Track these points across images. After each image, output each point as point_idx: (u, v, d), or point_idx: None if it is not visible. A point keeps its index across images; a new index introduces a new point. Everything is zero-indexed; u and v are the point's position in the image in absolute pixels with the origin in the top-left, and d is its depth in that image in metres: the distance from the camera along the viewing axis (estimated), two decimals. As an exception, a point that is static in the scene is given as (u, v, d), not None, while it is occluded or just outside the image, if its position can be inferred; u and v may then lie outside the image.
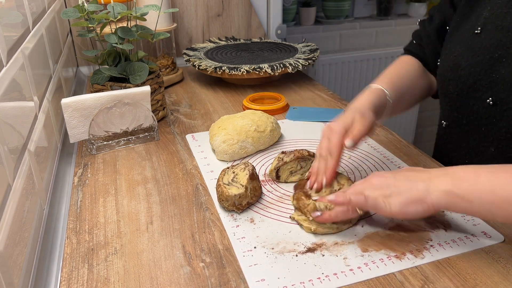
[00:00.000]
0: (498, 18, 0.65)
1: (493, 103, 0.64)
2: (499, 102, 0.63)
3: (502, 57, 0.63)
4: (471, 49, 0.68)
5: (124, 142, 0.86)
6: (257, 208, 0.65)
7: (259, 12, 1.47)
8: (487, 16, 0.67)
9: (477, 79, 0.67)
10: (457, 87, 0.70)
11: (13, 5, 0.68)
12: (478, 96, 0.67)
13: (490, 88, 0.65)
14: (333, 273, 0.52)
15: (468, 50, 0.68)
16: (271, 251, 0.56)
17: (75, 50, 1.32)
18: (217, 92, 1.14)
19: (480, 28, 0.67)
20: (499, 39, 0.64)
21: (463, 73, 0.68)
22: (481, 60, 0.66)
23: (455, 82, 0.70)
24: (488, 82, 0.65)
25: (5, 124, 0.53)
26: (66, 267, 0.55)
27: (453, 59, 0.71)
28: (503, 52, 0.63)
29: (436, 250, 0.55)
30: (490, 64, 0.65)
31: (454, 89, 0.71)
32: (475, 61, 0.67)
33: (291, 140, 0.87)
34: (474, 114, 0.68)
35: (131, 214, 0.64)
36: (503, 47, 0.63)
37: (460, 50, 0.70)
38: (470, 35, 0.69)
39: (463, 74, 0.68)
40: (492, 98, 0.64)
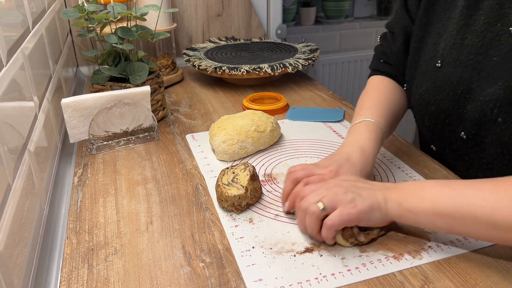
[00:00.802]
0: (453, 50, 0.64)
1: (466, 137, 0.63)
2: (471, 136, 0.62)
3: (465, 93, 0.62)
4: (436, 84, 0.66)
5: (124, 142, 0.86)
6: (256, 208, 0.65)
7: (259, 12, 1.47)
8: (443, 47, 0.65)
9: (447, 114, 0.65)
10: (431, 121, 0.69)
11: (13, 5, 0.68)
12: (452, 130, 0.65)
13: (460, 123, 0.63)
14: (331, 273, 0.52)
15: (433, 85, 0.67)
16: (269, 251, 0.56)
17: (75, 50, 1.32)
18: (217, 92, 1.14)
19: (440, 61, 0.65)
20: (459, 75, 0.62)
21: (434, 109, 0.67)
22: (446, 96, 0.64)
23: (428, 116, 0.69)
24: (458, 117, 0.64)
25: (5, 124, 0.53)
26: (66, 267, 0.55)
27: (422, 94, 0.69)
28: (465, 88, 0.62)
29: (434, 251, 0.55)
30: (455, 99, 0.63)
31: (429, 122, 0.70)
32: (441, 96, 0.65)
33: (291, 140, 0.87)
34: (454, 144, 0.67)
35: (131, 214, 0.64)
36: (464, 82, 0.62)
37: (426, 85, 0.68)
38: (432, 68, 0.67)
39: (433, 110, 0.67)
40: (464, 132, 0.63)
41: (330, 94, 1.11)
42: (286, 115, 0.98)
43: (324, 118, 0.95)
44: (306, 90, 1.14)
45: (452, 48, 0.64)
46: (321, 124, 0.93)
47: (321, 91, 1.13)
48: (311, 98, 1.09)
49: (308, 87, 1.17)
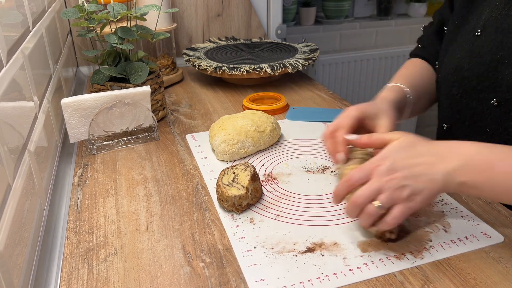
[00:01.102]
0: (497, 20, 0.65)
1: (498, 104, 0.64)
2: (503, 102, 0.63)
3: (504, 58, 0.63)
4: (473, 51, 0.68)
5: (124, 142, 0.86)
6: (256, 208, 0.65)
7: (259, 12, 1.47)
8: (486, 18, 0.67)
9: (480, 81, 0.66)
10: (460, 88, 0.70)
11: (13, 5, 0.68)
12: (482, 97, 0.67)
13: (493, 89, 0.65)
14: (333, 273, 0.52)
15: (469, 52, 0.68)
16: (271, 251, 0.56)
17: (75, 50, 1.32)
18: (217, 92, 1.14)
19: (480, 30, 0.67)
20: (500, 41, 0.64)
21: (466, 75, 0.68)
22: (483, 61, 0.66)
23: (458, 84, 0.70)
24: (492, 83, 0.65)
25: (5, 124, 0.53)
26: (66, 267, 0.55)
27: (455, 62, 0.71)
28: (504, 53, 0.63)
29: (436, 250, 0.55)
30: (492, 65, 0.65)
31: (457, 91, 0.71)
32: (477, 63, 0.67)
33: (291, 140, 0.87)
34: (478, 115, 0.68)
35: (131, 214, 0.64)
36: (505, 48, 0.63)
37: (462, 53, 0.70)
38: (471, 37, 0.69)
39: (466, 76, 0.69)
40: (496, 99, 0.64)
41: (330, 94, 1.11)
42: (286, 115, 0.98)
43: (324, 118, 0.95)
44: (306, 90, 1.14)
45: (496, 19, 0.66)
46: (321, 124, 0.93)
47: (321, 91, 1.13)
48: (311, 98, 1.09)
49: (308, 87, 1.17)
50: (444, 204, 0.64)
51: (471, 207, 0.64)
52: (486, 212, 0.63)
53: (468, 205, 0.64)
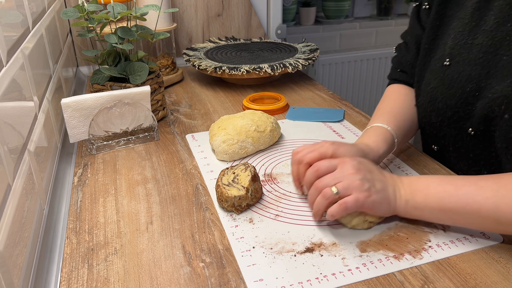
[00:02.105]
0: (463, 49, 0.65)
1: (474, 134, 0.64)
2: (479, 132, 0.63)
3: (474, 90, 0.63)
4: (444, 82, 0.67)
5: (124, 142, 0.86)
6: (256, 208, 0.65)
7: (259, 12, 1.47)
8: (452, 45, 0.67)
9: (454, 111, 0.66)
10: (438, 117, 0.70)
11: (13, 5, 0.68)
12: (459, 126, 0.66)
13: (468, 119, 0.64)
14: (332, 273, 0.52)
15: (441, 82, 0.68)
16: (270, 251, 0.56)
17: (75, 50, 1.32)
18: (217, 92, 1.14)
19: (448, 59, 0.67)
20: (468, 73, 0.63)
21: (441, 106, 0.68)
22: (454, 93, 0.66)
23: (435, 113, 0.70)
24: (465, 114, 0.65)
25: (5, 124, 0.53)
26: (66, 267, 0.55)
27: (430, 92, 0.70)
28: (473, 85, 0.63)
29: (435, 251, 0.55)
30: (464, 97, 0.64)
31: (436, 119, 0.71)
32: (449, 94, 0.66)
33: (291, 140, 0.87)
34: (459, 142, 0.68)
35: (131, 214, 0.64)
36: (473, 80, 0.63)
37: (434, 83, 0.69)
38: (441, 66, 0.68)
39: (441, 107, 0.68)
40: (472, 128, 0.64)
41: (330, 94, 1.11)
42: (286, 115, 0.98)
43: (324, 118, 0.95)
44: (306, 90, 1.14)
45: (462, 47, 0.65)
46: (321, 124, 0.93)
47: (321, 91, 1.13)
48: (311, 98, 1.09)
49: (308, 87, 1.17)
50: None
51: (471, 207, 0.64)
52: (486, 212, 0.63)
53: (468, 205, 0.64)
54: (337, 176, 0.56)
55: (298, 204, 0.65)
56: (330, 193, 0.56)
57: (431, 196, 0.55)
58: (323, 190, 0.56)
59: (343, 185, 0.55)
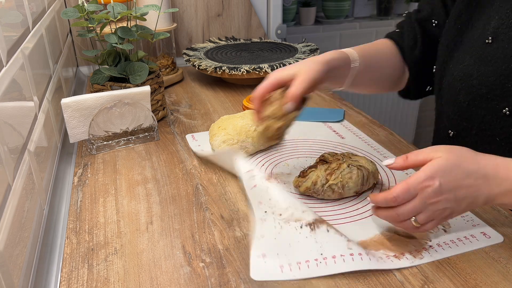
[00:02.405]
0: (510, 28, 0.64)
1: (510, 113, 0.63)
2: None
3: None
4: (483, 59, 0.66)
5: (124, 142, 0.86)
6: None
7: (259, 12, 1.47)
8: (496, 25, 0.66)
9: (491, 89, 0.65)
10: (468, 96, 0.68)
11: (13, 5, 0.68)
12: (492, 106, 0.65)
13: (505, 98, 0.63)
14: (332, 255, 0.52)
15: (479, 60, 0.67)
16: (279, 218, 0.56)
17: (75, 50, 1.32)
18: (217, 92, 1.14)
19: (491, 37, 0.66)
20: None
21: (475, 83, 0.67)
22: (495, 70, 0.64)
23: (466, 91, 0.68)
24: (504, 92, 0.63)
25: (5, 124, 0.53)
26: (66, 267, 0.55)
27: (463, 69, 0.69)
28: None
29: (435, 250, 0.55)
30: (505, 74, 0.63)
31: (464, 98, 0.69)
32: (488, 70, 0.65)
33: (291, 140, 0.87)
34: (487, 123, 0.66)
35: (131, 214, 0.64)
36: None
37: (470, 60, 0.68)
38: (481, 44, 0.67)
39: (475, 84, 0.67)
40: (509, 108, 0.63)
41: (330, 94, 1.11)
42: (286, 115, 0.98)
43: (324, 118, 0.95)
44: (306, 90, 1.14)
45: (509, 27, 0.64)
46: (321, 124, 0.93)
47: (321, 91, 1.13)
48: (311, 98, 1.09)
49: (308, 87, 1.16)
50: (444, 204, 0.64)
51: (471, 207, 0.64)
52: (486, 212, 0.63)
53: (468, 205, 0.64)
54: (417, 207, 0.51)
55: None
56: (411, 225, 0.52)
57: None
58: (403, 222, 0.53)
59: (424, 217, 0.52)
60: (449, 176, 0.51)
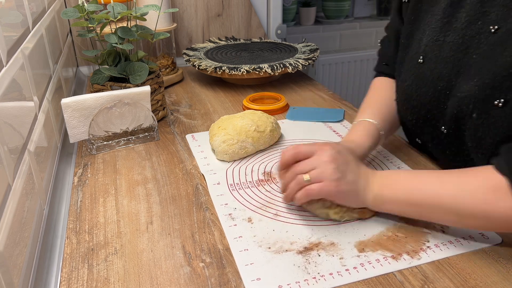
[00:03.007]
0: (435, 46, 0.64)
1: (447, 132, 0.64)
2: (451, 131, 0.63)
3: (445, 89, 0.63)
4: (418, 79, 0.67)
5: (124, 142, 0.86)
6: (255, 208, 0.65)
7: (259, 12, 1.47)
8: (426, 43, 0.66)
9: (428, 109, 0.66)
10: (414, 116, 0.70)
11: (13, 5, 0.68)
12: (433, 125, 0.67)
13: (441, 118, 0.64)
14: (329, 273, 0.52)
15: (416, 80, 0.68)
16: (268, 251, 0.56)
17: (75, 50, 1.32)
18: (217, 92, 1.14)
19: (422, 56, 0.67)
20: (440, 71, 0.63)
21: (415, 104, 0.69)
22: (427, 91, 0.66)
23: (410, 111, 0.70)
24: (439, 112, 0.65)
25: (5, 124, 0.53)
26: (66, 267, 0.55)
27: (405, 89, 0.70)
28: (445, 84, 0.63)
29: (433, 251, 0.55)
30: (436, 95, 0.64)
31: (412, 117, 0.71)
32: (422, 92, 0.67)
33: (291, 140, 0.87)
34: (435, 139, 0.68)
35: (131, 214, 0.64)
36: (444, 79, 0.63)
37: (409, 80, 0.69)
38: (415, 63, 0.68)
39: (415, 105, 0.69)
40: (445, 127, 0.64)
41: (330, 94, 1.11)
42: (286, 115, 0.98)
43: (324, 118, 0.95)
44: (306, 90, 1.14)
45: (434, 45, 0.65)
46: (321, 124, 0.93)
47: (321, 91, 1.13)
48: (311, 98, 1.09)
49: (308, 87, 1.17)
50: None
51: (471, 207, 0.64)
52: (486, 212, 0.63)
53: (467, 205, 0.64)
54: (312, 163, 0.58)
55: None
56: (301, 179, 0.58)
57: (398, 191, 0.57)
58: (297, 176, 0.59)
59: (315, 173, 0.57)
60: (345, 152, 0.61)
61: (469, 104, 0.58)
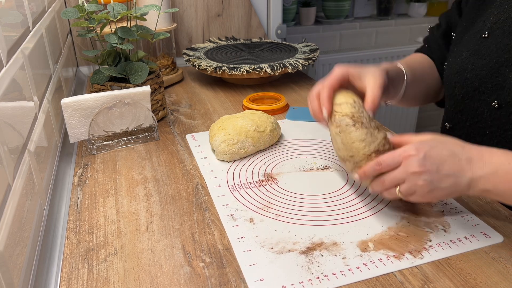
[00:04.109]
0: (505, 22, 0.66)
1: (499, 106, 0.64)
2: (504, 105, 0.64)
3: (508, 61, 0.63)
4: (478, 52, 0.68)
5: (124, 142, 0.86)
6: (256, 208, 0.65)
7: (259, 12, 1.47)
8: (494, 20, 0.68)
9: (482, 82, 0.67)
10: (462, 89, 0.71)
11: (13, 5, 0.68)
12: (483, 99, 0.67)
13: (495, 92, 0.65)
14: (332, 272, 0.52)
15: (475, 53, 0.69)
16: (271, 251, 0.56)
17: (75, 50, 1.32)
18: (217, 92, 1.14)
19: (488, 32, 0.68)
20: (506, 43, 0.64)
21: (469, 76, 0.69)
22: (487, 63, 0.66)
23: (461, 84, 0.71)
24: (494, 86, 0.65)
25: (5, 124, 0.53)
26: (66, 267, 0.55)
27: (460, 62, 0.71)
28: (509, 56, 0.63)
29: (435, 250, 0.55)
30: (496, 67, 0.65)
31: (459, 91, 0.71)
32: (481, 64, 0.67)
33: (291, 140, 0.87)
34: (479, 116, 0.69)
35: (131, 214, 0.64)
36: (510, 51, 0.63)
37: (467, 54, 0.71)
38: (478, 38, 0.69)
39: (469, 77, 0.69)
40: (498, 101, 0.64)
41: (330, 94, 1.11)
42: (286, 115, 0.98)
43: (324, 118, 0.95)
44: (306, 90, 1.14)
45: (504, 21, 0.66)
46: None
47: (321, 91, 1.13)
48: (311, 98, 1.09)
49: (308, 87, 1.17)
50: (443, 204, 0.64)
51: (471, 207, 0.64)
52: (486, 212, 0.63)
53: (467, 205, 0.64)
54: (400, 176, 0.54)
55: (299, 204, 0.65)
56: (395, 194, 0.56)
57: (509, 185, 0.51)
58: (388, 190, 0.56)
59: (405, 188, 0.54)
60: (434, 150, 0.53)
61: None
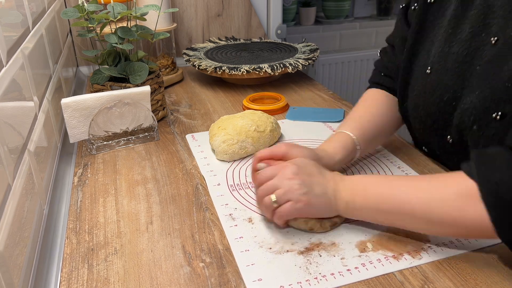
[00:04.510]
0: (441, 58, 0.64)
1: (452, 141, 0.64)
2: (456, 141, 0.63)
3: (450, 100, 0.63)
4: (425, 89, 0.67)
5: (124, 142, 0.86)
6: (255, 208, 0.65)
7: (259, 12, 1.47)
8: (434, 53, 0.66)
9: (434, 119, 0.66)
10: (420, 125, 0.70)
11: (13, 5, 0.68)
12: (440, 134, 0.67)
13: (446, 128, 0.65)
14: (330, 273, 0.52)
15: (423, 90, 0.68)
16: (269, 251, 0.56)
17: (75, 50, 1.32)
18: (217, 92, 1.14)
19: (430, 67, 0.66)
20: (445, 82, 0.63)
21: (422, 114, 0.69)
22: (434, 101, 0.65)
23: (418, 120, 0.71)
24: (444, 123, 0.65)
25: (5, 124, 0.53)
26: (66, 267, 0.55)
27: (414, 98, 0.70)
28: (450, 95, 0.63)
29: (434, 251, 0.55)
30: (442, 106, 0.64)
31: (419, 126, 0.71)
32: (429, 102, 0.66)
33: (291, 140, 0.87)
34: (441, 149, 0.68)
35: (131, 214, 0.64)
36: (450, 90, 0.62)
37: (417, 90, 0.69)
38: (423, 74, 0.68)
39: (422, 114, 0.69)
40: (450, 136, 0.64)
41: (330, 94, 1.11)
42: (286, 115, 0.98)
43: (324, 118, 0.95)
44: (306, 90, 1.14)
45: (440, 56, 0.65)
46: (321, 124, 0.93)
47: (321, 91, 1.13)
48: (311, 98, 1.09)
49: (308, 87, 1.17)
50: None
51: (471, 207, 0.64)
52: (486, 212, 0.63)
53: (468, 205, 0.64)
54: (275, 183, 0.57)
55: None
56: (269, 202, 0.57)
57: (369, 198, 0.56)
58: (263, 200, 0.58)
59: (280, 192, 0.56)
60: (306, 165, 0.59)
61: (470, 116, 0.58)
